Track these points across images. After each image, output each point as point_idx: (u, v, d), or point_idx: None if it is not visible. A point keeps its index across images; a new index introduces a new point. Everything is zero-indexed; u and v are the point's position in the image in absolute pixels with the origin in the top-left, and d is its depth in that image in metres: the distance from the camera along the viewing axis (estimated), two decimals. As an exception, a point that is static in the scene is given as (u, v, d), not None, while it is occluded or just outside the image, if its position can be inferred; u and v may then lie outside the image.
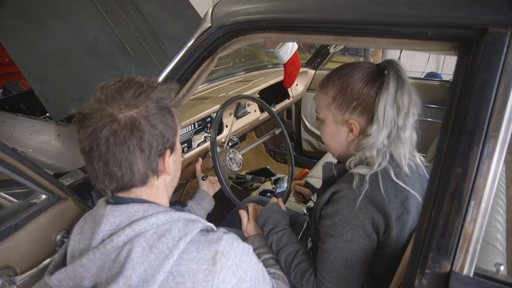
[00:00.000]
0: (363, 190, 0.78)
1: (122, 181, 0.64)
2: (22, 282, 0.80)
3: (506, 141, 0.51)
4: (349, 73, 0.84)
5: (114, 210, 0.65)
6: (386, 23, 0.60)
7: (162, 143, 0.65)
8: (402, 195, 0.80)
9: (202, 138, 1.65)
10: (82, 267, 0.62)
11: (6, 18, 1.46)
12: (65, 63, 1.53)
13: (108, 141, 0.59)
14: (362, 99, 0.82)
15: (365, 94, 0.82)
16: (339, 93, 0.85)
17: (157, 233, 0.61)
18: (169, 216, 0.64)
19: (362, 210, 0.78)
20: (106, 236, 0.63)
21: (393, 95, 0.79)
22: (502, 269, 0.64)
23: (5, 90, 3.24)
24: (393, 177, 0.80)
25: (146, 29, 1.81)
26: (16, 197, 0.98)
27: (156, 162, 0.66)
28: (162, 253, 0.59)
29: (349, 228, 0.79)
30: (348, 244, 0.80)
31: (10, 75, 3.84)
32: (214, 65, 0.96)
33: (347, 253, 0.80)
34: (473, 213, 0.54)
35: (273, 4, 0.75)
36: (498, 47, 0.49)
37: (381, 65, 0.84)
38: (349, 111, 0.84)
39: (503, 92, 0.49)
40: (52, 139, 1.39)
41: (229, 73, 2.45)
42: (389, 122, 0.80)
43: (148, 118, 0.62)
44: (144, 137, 0.62)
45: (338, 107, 0.86)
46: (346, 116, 0.85)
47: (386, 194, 0.78)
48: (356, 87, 0.82)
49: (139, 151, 0.62)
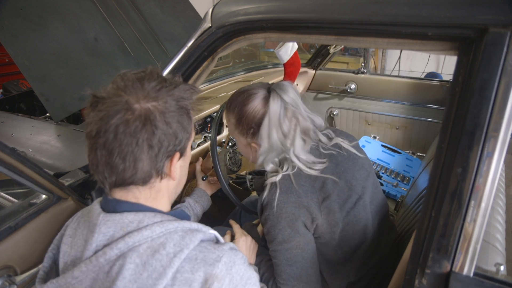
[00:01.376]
0: (276, 194, 0.86)
1: (123, 176, 0.59)
2: (22, 282, 0.80)
3: (506, 141, 0.51)
4: (243, 101, 0.91)
5: (107, 220, 0.61)
6: (386, 23, 0.60)
7: (174, 144, 0.61)
8: (318, 183, 0.88)
9: (202, 138, 1.65)
10: (75, 279, 0.58)
11: (6, 18, 1.46)
12: (65, 63, 1.54)
13: (118, 129, 0.56)
14: (257, 125, 0.90)
15: (258, 120, 0.89)
16: (238, 121, 0.93)
17: (151, 248, 0.57)
18: (165, 227, 0.59)
19: (282, 210, 0.85)
20: (99, 247, 0.59)
21: (276, 120, 0.86)
22: (502, 269, 0.64)
23: (5, 90, 3.24)
24: (306, 170, 0.88)
25: (146, 29, 1.81)
26: (16, 197, 0.98)
27: (162, 163, 0.62)
28: (155, 272, 0.55)
29: (277, 230, 0.87)
30: (283, 245, 0.87)
31: (10, 75, 3.84)
32: (214, 65, 0.96)
33: (285, 253, 0.87)
34: (473, 213, 0.54)
35: (273, 4, 0.75)
36: (498, 47, 0.49)
37: (270, 90, 0.90)
38: (249, 136, 0.93)
39: (503, 92, 0.49)
40: (52, 139, 1.39)
41: (229, 73, 2.45)
42: (275, 145, 0.87)
43: (165, 115, 0.59)
44: (156, 133, 0.58)
45: (240, 133, 0.95)
46: (248, 140, 0.94)
47: (301, 188, 0.87)
48: (249, 116, 0.90)
49: (147, 147, 0.58)
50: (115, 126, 0.56)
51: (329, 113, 2.51)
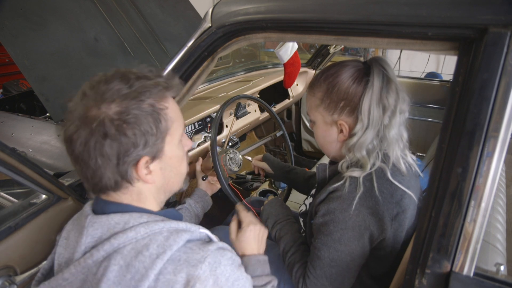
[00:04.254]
0: (357, 193, 0.77)
1: (92, 182, 0.60)
2: (22, 282, 0.80)
3: (506, 141, 0.51)
4: (335, 73, 0.83)
5: (94, 221, 0.61)
6: (386, 23, 0.60)
7: (134, 150, 0.58)
8: (397, 194, 0.79)
9: (202, 138, 1.65)
10: (65, 280, 0.59)
11: (6, 18, 1.46)
12: (65, 63, 1.53)
13: (71, 139, 0.57)
14: (349, 99, 0.80)
15: (351, 94, 0.80)
16: (326, 94, 0.84)
17: (135, 249, 0.56)
18: (150, 228, 0.58)
19: (354, 212, 0.77)
20: (88, 248, 0.60)
21: (378, 94, 0.77)
22: (502, 269, 0.64)
23: (5, 90, 3.24)
24: (389, 177, 0.79)
25: (146, 29, 1.81)
26: (16, 197, 0.98)
27: (125, 169, 0.59)
28: (138, 273, 0.54)
29: (338, 229, 0.79)
30: (336, 244, 0.79)
31: (10, 75, 3.85)
32: (214, 65, 0.96)
33: (333, 252, 0.80)
34: (473, 213, 0.54)
35: (273, 4, 0.75)
36: (498, 47, 0.49)
37: (367, 63, 0.82)
38: (337, 111, 0.83)
39: (503, 92, 0.49)
40: (52, 139, 1.40)
41: (229, 73, 2.45)
42: (375, 122, 0.78)
43: (117, 121, 0.55)
44: (106, 143, 0.55)
45: (326, 108, 0.84)
46: (335, 117, 0.84)
47: (381, 195, 0.77)
48: (342, 87, 0.81)
49: (100, 157, 0.56)
50: (69, 137, 0.58)
51: (329, 113, 2.51)
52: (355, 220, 0.77)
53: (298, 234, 0.98)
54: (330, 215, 0.80)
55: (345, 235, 0.78)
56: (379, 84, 0.77)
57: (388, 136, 0.80)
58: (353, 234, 0.78)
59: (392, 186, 0.79)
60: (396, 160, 0.82)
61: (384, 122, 0.79)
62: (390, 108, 0.78)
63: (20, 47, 1.46)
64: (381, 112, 0.78)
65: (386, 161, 0.81)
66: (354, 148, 0.81)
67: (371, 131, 0.79)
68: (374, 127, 0.79)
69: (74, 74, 1.54)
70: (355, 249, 0.79)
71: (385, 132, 0.80)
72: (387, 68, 0.79)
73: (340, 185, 0.80)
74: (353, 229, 0.78)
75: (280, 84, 2.19)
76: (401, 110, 0.80)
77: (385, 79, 0.78)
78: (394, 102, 0.78)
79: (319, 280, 0.82)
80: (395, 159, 0.82)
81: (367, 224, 0.78)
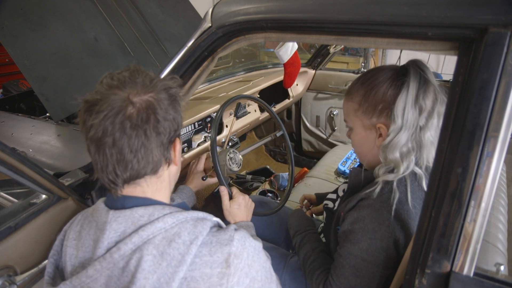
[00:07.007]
0: (393, 201, 0.75)
1: (137, 168, 0.61)
2: (22, 282, 0.80)
3: (506, 141, 0.51)
4: (372, 76, 0.83)
5: (117, 216, 0.62)
6: (386, 23, 0.60)
7: (174, 129, 0.65)
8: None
9: (202, 138, 1.65)
10: (89, 278, 0.59)
11: (6, 18, 1.46)
12: (65, 63, 1.53)
13: (124, 125, 0.57)
14: (387, 101, 0.80)
15: (389, 96, 0.79)
16: (364, 98, 0.83)
17: (166, 238, 0.59)
18: (176, 218, 0.62)
19: (385, 222, 0.75)
20: (111, 244, 0.61)
21: (413, 95, 0.76)
22: (503, 269, 0.64)
23: (5, 90, 3.24)
24: (423, 185, 0.77)
25: (146, 29, 1.81)
26: (16, 197, 0.98)
27: (168, 150, 0.65)
28: (174, 260, 0.57)
29: (367, 238, 0.77)
30: (363, 254, 0.78)
31: (10, 75, 3.84)
32: (214, 65, 0.96)
33: (360, 262, 0.78)
34: (473, 213, 0.54)
35: (273, 4, 0.75)
36: (498, 47, 0.49)
37: (405, 66, 0.82)
38: (376, 115, 0.82)
39: (503, 92, 0.49)
40: (52, 139, 1.39)
41: (229, 73, 2.45)
42: (409, 123, 0.77)
43: (162, 103, 0.62)
44: (160, 120, 0.61)
45: (365, 112, 0.84)
46: (373, 121, 0.83)
47: (414, 208, 0.76)
48: (380, 90, 0.81)
49: (155, 135, 0.61)
50: (120, 123, 0.57)
51: (329, 113, 2.51)
52: (385, 231, 0.75)
53: (318, 243, 0.99)
54: (359, 223, 0.78)
55: (373, 245, 0.76)
56: (415, 85, 0.77)
57: (423, 139, 0.79)
58: (381, 245, 0.76)
59: (423, 192, 0.78)
60: (429, 164, 0.80)
61: (420, 123, 0.78)
62: (427, 109, 0.77)
63: (20, 47, 1.46)
64: (417, 114, 0.77)
65: (421, 165, 0.80)
66: (387, 149, 0.80)
67: (405, 133, 0.78)
68: (408, 129, 0.78)
69: (74, 74, 1.53)
70: (383, 260, 0.77)
71: (420, 134, 0.79)
72: (425, 70, 0.78)
73: (371, 191, 0.78)
74: (382, 239, 0.76)
75: (280, 84, 2.19)
76: (439, 113, 0.79)
77: (422, 80, 0.77)
78: (432, 103, 0.77)
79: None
80: (429, 163, 0.80)
81: (397, 236, 0.76)
